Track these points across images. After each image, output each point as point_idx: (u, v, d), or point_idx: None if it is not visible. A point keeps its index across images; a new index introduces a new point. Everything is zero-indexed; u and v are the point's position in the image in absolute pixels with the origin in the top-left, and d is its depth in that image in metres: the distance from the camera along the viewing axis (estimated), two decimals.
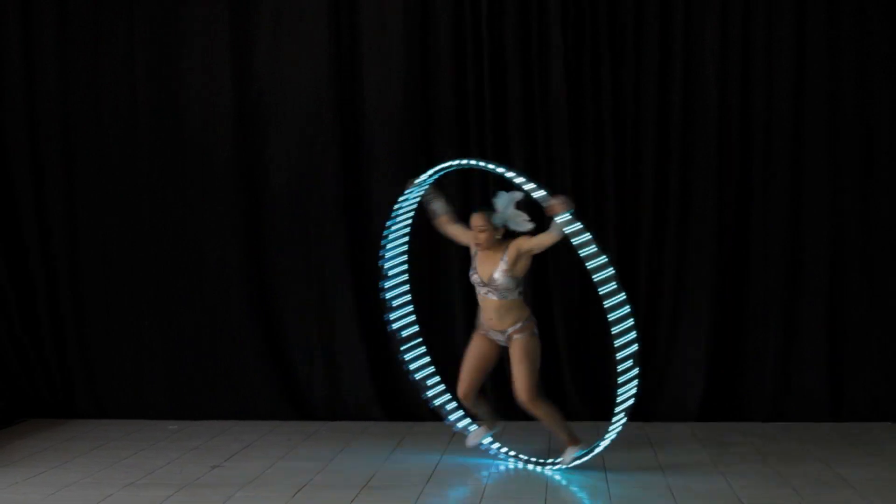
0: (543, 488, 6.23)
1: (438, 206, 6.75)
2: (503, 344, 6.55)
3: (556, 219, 6.04)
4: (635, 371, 6.03)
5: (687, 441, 7.45)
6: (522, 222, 6.44)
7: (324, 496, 6.09)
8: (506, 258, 6.35)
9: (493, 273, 6.37)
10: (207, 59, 8.42)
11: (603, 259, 5.96)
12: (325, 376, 8.37)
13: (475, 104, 8.14)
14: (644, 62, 8.04)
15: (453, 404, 6.99)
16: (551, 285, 8.14)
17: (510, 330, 6.44)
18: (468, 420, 7.00)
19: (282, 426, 8.08)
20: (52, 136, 8.53)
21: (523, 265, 6.39)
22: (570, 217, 5.97)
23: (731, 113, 8.01)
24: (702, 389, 8.04)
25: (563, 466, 6.51)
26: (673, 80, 8.01)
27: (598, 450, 6.38)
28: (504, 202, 6.45)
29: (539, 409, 6.46)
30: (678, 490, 6.08)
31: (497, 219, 6.45)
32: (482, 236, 6.43)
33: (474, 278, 6.50)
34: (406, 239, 7.00)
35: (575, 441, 6.53)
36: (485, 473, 6.59)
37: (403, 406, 8.28)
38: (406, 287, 7.06)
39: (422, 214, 6.98)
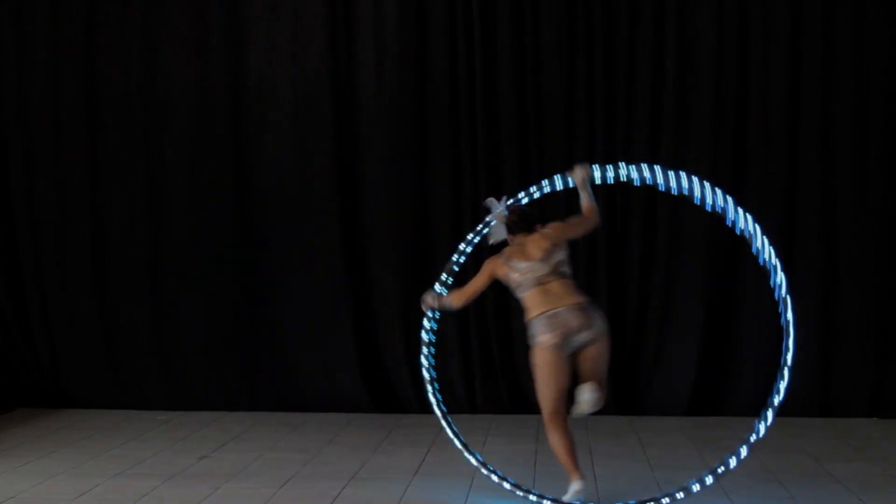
0: (531, 480, 6.24)
1: (445, 299, 6.00)
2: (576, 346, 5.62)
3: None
4: None
5: (675, 435, 7.46)
6: (496, 231, 5.91)
7: (311, 487, 6.10)
8: (547, 243, 5.77)
9: (545, 252, 5.75)
10: (202, 51, 8.42)
11: None
12: (314, 368, 8.37)
13: (466, 96, 8.15)
14: (637, 55, 8.05)
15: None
16: None
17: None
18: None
19: (270, 417, 8.08)
20: (44, 126, 8.54)
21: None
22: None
23: (726, 107, 8.03)
24: (691, 384, 8.06)
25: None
26: (667, 72, 8.03)
27: None
28: (499, 209, 5.92)
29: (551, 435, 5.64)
30: (665, 484, 6.09)
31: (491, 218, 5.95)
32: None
33: (524, 267, 5.72)
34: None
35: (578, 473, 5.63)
36: (473, 465, 6.60)
37: (392, 398, 8.29)
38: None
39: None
